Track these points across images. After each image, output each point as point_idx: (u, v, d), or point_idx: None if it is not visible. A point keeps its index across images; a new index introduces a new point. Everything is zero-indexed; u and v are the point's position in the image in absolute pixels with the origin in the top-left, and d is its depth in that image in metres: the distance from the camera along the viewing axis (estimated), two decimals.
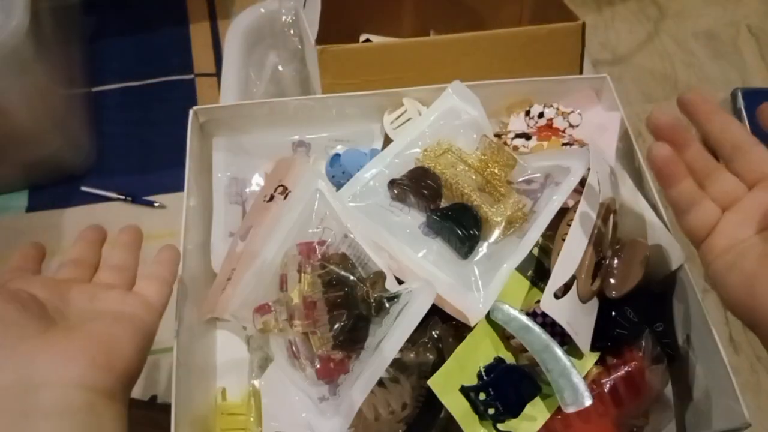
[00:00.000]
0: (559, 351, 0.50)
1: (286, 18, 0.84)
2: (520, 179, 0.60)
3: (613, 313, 0.55)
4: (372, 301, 0.51)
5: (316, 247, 0.54)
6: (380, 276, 0.53)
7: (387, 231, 0.57)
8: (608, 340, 0.54)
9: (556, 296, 0.51)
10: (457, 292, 0.53)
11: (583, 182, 0.55)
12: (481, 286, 0.53)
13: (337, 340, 0.50)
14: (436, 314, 0.53)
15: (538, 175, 0.60)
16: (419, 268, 0.55)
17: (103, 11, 1.04)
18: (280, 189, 0.59)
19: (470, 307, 0.52)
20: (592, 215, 0.53)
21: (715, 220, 0.45)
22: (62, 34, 0.89)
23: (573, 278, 0.52)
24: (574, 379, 0.49)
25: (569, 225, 0.53)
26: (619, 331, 0.54)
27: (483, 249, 0.56)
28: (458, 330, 0.54)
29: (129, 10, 1.04)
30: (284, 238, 0.56)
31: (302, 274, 0.52)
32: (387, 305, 0.51)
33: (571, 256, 0.52)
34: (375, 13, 0.86)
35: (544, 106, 0.67)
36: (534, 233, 0.54)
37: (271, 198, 0.59)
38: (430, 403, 0.51)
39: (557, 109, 0.67)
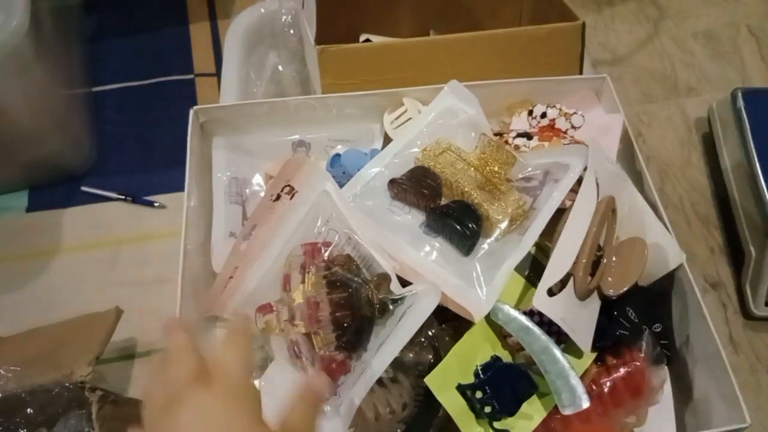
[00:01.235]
0: (557, 353, 0.50)
1: (286, 18, 0.85)
2: (519, 176, 0.60)
3: (615, 313, 0.55)
4: (376, 303, 0.51)
5: (321, 248, 0.54)
6: (385, 278, 0.53)
7: (388, 231, 0.57)
8: (610, 340, 0.54)
9: (552, 293, 0.51)
10: (460, 290, 0.53)
11: (580, 182, 0.55)
12: (484, 283, 0.53)
13: (340, 341, 0.50)
14: (435, 314, 0.53)
15: (538, 172, 0.60)
16: (422, 267, 0.55)
17: (104, 11, 1.04)
18: (287, 189, 0.59)
19: (473, 303, 0.52)
20: (588, 214, 0.54)
21: None
22: (62, 34, 0.89)
23: (569, 276, 0.52)
24: (572, 381, 0.49)
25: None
26: (621, 332, 0.54)
27: (485, 246, 0.56)
28: (457, 330, 0.54)
29: (129, 10, 1.04)
30: (289, 238, 0.56)
31: (306, 275, 0.52)
32: (391, 307, 0.51)
33: (565, 253, 0.52)
34: (375, 14, 0.86)
35: (547, 107, 0.67)
36: (535, 230, 0.54)
37: (278, 197, 0.59)
38: (428, 402, 0.51)
39: (560, 109, 0.67)
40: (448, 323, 0.55)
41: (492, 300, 0.52)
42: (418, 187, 0.58)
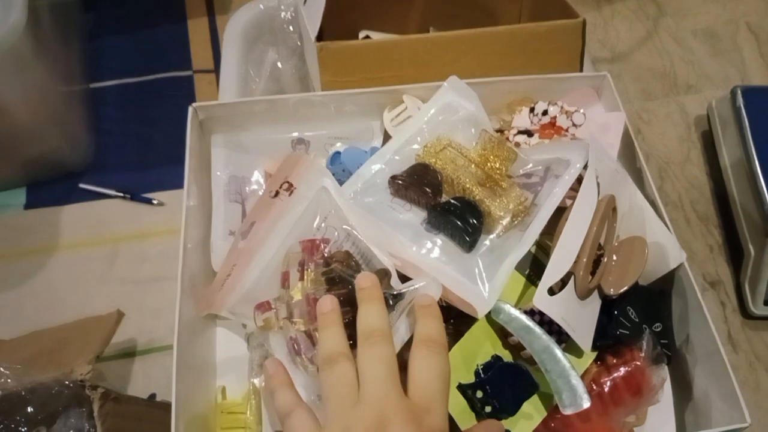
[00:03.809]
0: (558, 352, 0.50)
1: (286, 14, 0.84)
2: (520, 172, 0.60)
3: (615, 312, 0.55)
4: None
5: (320, 244, 0.54)
6: (385, 273, 0.52)
7: (390, 228, 0.57)
8: (610, 339, 0.54)
9: (553, 292, 0.51)
10: (463, 286, 0.53)
11: (580, 181, 0.55)
12: (486, 279, 0.53)
13: None
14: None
15: (539, 168, 0.60)
16: (423, 264, 0.55)
17: (102, 8, 1.03)
18: (286, 185, 0.58)
19: (476, 299, 0.52)
20: (588, 212, 0.53)
21: None
22: (61, 31, 0.88)
23: (570, 275, 0.52)
24: (573, 381, 0.49)
25: None
26: (621, 331, 0.54)
27: (486, 243, 0.56)
28: (457, 330, 0.54)
29: (127, 7, 1.04)
30: (287, 234, 0.56)
31: (305, 272, 0.52)
32: (391, 303, 0.50)
33: (566, 252, 0.52)
34: (375, 10, 0.86)
35: (548, 104, 0.67)
36: (536, 226, 0.54)
37: (276, 194, 0.58)
38: None
39: (561, 107, 0.67)
40: (448, 323, 0.55)
41: (495, 296, 0.52)
42: (419, 184, 0.58)
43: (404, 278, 0.54)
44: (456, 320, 0.54)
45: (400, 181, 0.59)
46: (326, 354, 0.44)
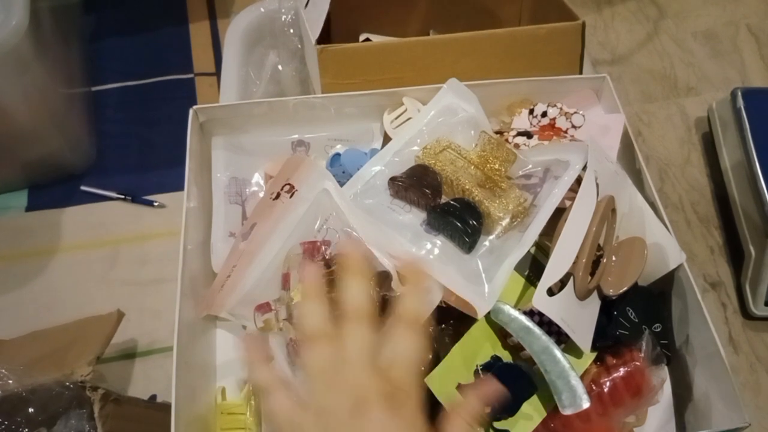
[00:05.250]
0: (558, 353, 0.50)
1: (286, 17, 0.84)
2: (520, 174, 0.60)
3: (615, 313, 0.55)
4: (377, 301, 0.51)
5: (321, 246, 0.54)
6: (386, 276, 0.53)
7: (390, 229, 0.57)
8: (610, 339, 0.54)
9: (552, 293, 0.51)
10: (463, 286, 0.53)
11: (579, 182, 0.55)
12: (486, 280, 0.53)
13: None
14: (435, 314, 0.53)
15: (538, 169, 0.60)
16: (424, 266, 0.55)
17: (103, 10, 1.04)
18: (287, 187, 0.58)
19: (476, 300, 0.52)
20: (588, 213, 0.54)
21: None
22: (62, 34, 0.89)
23: (569, 275, 0.52)
24: (572, 382, 0.49)
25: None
26: (621, 332, 0.54)
27: (486, 244, 0.56)
28: (457, 330, 0.54)
29: (129, 10, 1.04)
30: (288, 236, 0.56)
31: None
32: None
33: (565, 253, 0.52)
34: (375, 13, 0.86)
35: (548, 106, 0.67)
36: (535, 227, 0.54)
37: (278, 196, 0.59)
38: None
39: (560, 109, 0.67)
40: (448, 324, 0.55)
41: (494, 297, 0.52)
42: (419, 185, 0.58)
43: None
44: (456, 321, 0.54)
45: (399, 183, 0.59)
46: (309, 330, 0.42)
